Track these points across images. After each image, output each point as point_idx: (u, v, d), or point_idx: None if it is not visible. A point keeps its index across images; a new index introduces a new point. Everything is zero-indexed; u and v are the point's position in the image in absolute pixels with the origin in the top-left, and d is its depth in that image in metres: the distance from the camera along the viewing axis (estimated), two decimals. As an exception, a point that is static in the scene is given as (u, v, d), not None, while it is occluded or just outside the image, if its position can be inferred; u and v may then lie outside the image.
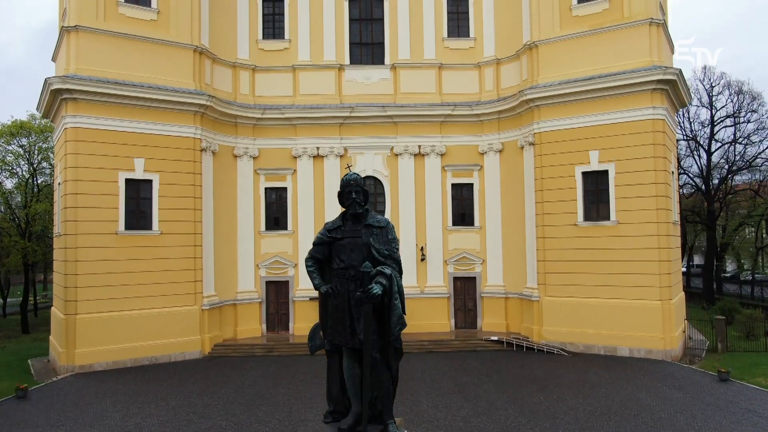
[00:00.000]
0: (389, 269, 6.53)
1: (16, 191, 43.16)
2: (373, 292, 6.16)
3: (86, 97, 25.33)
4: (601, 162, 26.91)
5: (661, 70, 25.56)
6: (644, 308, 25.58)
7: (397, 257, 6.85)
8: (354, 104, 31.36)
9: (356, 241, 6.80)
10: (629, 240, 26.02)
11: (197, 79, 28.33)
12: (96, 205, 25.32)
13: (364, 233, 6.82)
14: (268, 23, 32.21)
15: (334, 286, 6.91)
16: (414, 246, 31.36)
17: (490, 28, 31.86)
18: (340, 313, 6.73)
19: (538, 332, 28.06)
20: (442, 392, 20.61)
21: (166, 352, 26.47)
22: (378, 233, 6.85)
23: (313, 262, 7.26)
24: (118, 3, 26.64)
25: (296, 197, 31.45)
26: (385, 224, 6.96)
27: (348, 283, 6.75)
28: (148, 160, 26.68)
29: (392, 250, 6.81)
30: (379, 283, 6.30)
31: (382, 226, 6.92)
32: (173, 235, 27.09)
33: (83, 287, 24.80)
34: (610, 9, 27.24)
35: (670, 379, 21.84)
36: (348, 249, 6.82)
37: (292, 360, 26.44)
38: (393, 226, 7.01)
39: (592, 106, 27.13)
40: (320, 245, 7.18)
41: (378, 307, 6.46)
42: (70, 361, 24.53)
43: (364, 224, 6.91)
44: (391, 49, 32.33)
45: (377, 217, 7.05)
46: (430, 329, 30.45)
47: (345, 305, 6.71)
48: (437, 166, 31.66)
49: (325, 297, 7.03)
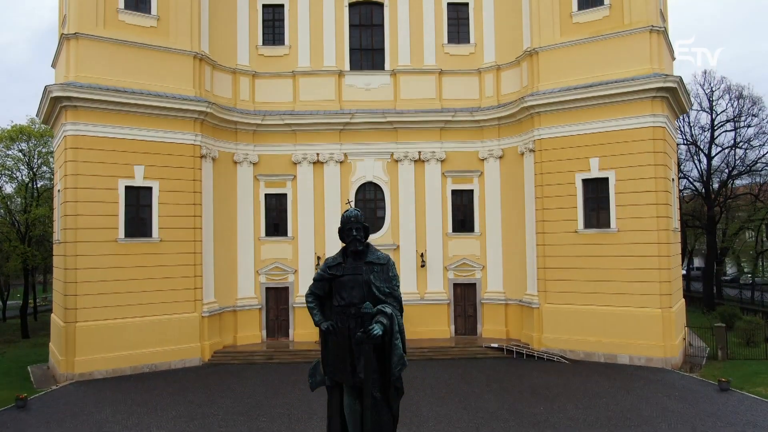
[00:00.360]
0: (390, 308, 6.49)
1: (16, 195, 43.17)
2: (374, 332, 6.13)
3: (86, 104, 25.30)
4: (602, 169, 26.88)
5: (662, 78, 25.53)
6: (644, 316, 25.55)
7: (397, 295, 6.82)
8: (354, 110, 31.34)
9: (357, 279, 6.77)
10: (629, 247, 25.99)
11: (197, 85, 28.30)
12: (96, 213, 25.28)
13: (365, 270, 6.79)
14: (268, 29, 32.19)
15: (335, 324, 6.87)
16: (414, 252, 31.35)
17: (490, 34, 31.82)
18: (340, 350, 6.70)
19: (538, 339, 28.04)
20: (442, 402, 20.57)
21: (166, 359, 26.43)
22: (379, 270, 6.82)
23: (314, 298, 7.21)
24: (117, 10, 26.60)
25: (296, 203, 31.44)
26: (385, 261, 6.92)
27: (348, 320, 6.72)
28: (148, 167, 26.64)
29: (393, 287, 6.77)
30: (380, 322, 6.27)
31: (382, 263, 6.88)
32: (173, 242, 27.06)
33: (83, 295, 24.76)
34: (610, 16, 27.22)
35: (670, 389, 21.81)
36: (348, 286, 6.79)
37: (291, 368, 26.39)
38: (394, 262, 6.99)
39: (593, 114, 27.10)
40: (320, 281, 7.13)
41: (379, 346, 6.42)
42: (70, 369, 24.49)
43: (365, 261, 6.87)
44: (391, 55, 32.31)
45: (378, 254, 7.01)
46: (430, 336, 30.46)
47: (345, 343, 6.69)
48: (437, 172, 31.64)
49: (326, 334, 6.98)
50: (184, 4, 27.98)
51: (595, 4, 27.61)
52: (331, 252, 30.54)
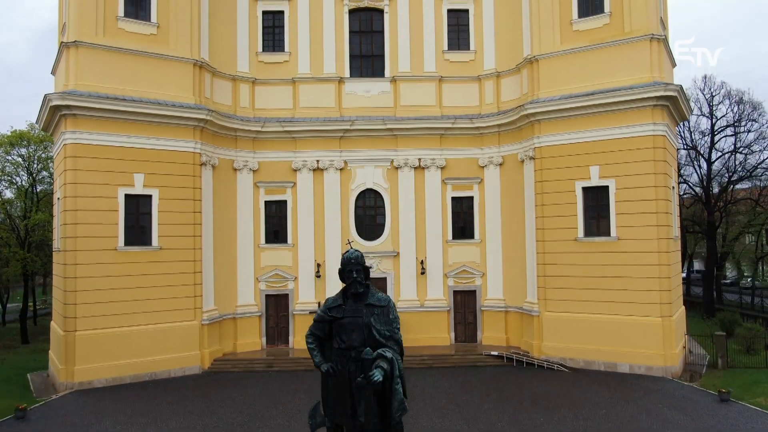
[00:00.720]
0: (390, 352, 6.47)
1: (15, 200, 43.14)
2: (375, 379, 6.10)
3: (86, 113, 25.28)
4: (602, 178, 26.86)
5: (662, 87, 25.51)
6: (645, 325, 25.54)
7: (398, 338, 6.79)
8: (354, 117, 31.32)
9: (357, 321, 6.74)
10: (630, 256, 25.96)
11: (197, 93, 28.27)
12: (95, 221, 25.26)
13: (365, 313, 6.76)
14: (268, 36, 32.16)
15: (335, 366, 6.84)
16: (414, 259, 31.34)
17: (490, 41, 31.80)
18: (340, 393, 6.68)
19: (538, 347, 28.01)
20: (441, 412, 20.55)
21: (166, 367, 26.41)
22: (379, 313, 6.79)
23: (314, 339, 7.18)
24: (117, 17, 26.57)
25: (296, 210, 31.42)
26: (386, 303, 6.89)
27: (349, 363, 6.69)
28: (148, 175, 26.62)
29: (393, 330, 6.75)
30: (380, 367, 6.24)
31: (383, 305, 6.86)
32: (173, 250, 27.03)
33: (82, 304, 24.73)
34: (610, 24, 27.19)
35: (670, 399, 21.78)
36: (349, 329, 6.76)
37: (291, 376, 26.41)
38: (394, 304, 6.96)
39: (593, 122, 27.08)
40: (321, 322, 7.11)
41: (379, 391, 6.39)
42: (69, 378, 24.47)
43: (365, 303, 6.84)
44: (391, 61, 32.28)
45: (378, 295, 6.98)
46: (429, 343, 30.47)
47: (346, 385, 6.66)
48: (437, 179, 31.62)
49: (326, 375, 6.95)
50: (184, 11, 27.97)
51: (596, 12, 27.59)
52: (331, 259, 30.75)
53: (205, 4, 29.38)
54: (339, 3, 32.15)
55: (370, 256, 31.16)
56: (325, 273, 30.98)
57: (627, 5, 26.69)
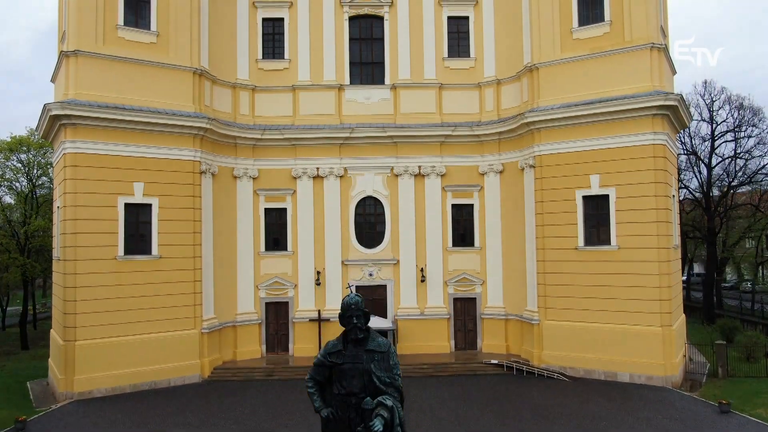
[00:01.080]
0: (390, 400, 6.44)
1: (15, 205, 43.12)
2: (375, 429, 6.07)
3: (85, 122, 25.25)
4: (602, 186, 26.84)
5: (663, 96, 25.48)
6: (645, 334, 25.51)
7: (398, 385, 6.76)
8: (354, 124, 31.29)
9: (357, 367, 6.72)
10: (630, 265, 25.93)
11: (197, 101, 28.24)
12: (95, 231, 25.24)
13: (365, 359, 6.74)
14: (267, 43, 32.12)
15: (335, 412, 6.81)
16: (414, 267, 31.32)
17: (490, 49, 31.77)
18: (341, 439, 6.65)
19: (538, 356, 27.98)
20: (441, 425, 20.54)
21: (166, 376, 26.38)
22: (379, 359, 6.77)
23: (314, 383, 7.16)
24: (117, 26, 26.54)
25: (296, 218, 31.39)
26: (386, 349, 6.87)
27: (349, 410, 6.66)
28: (148, 184, 26.60)
29: (393, 377, 6.72)
30: (381, 416, 6.21)
31: (383, 351, 6.83)
32: (173, 258, 27.02)
33: (82, 313, 24.72)
34: (611, 33, 27.15)
35: (671, 410, 21.75)
36: (349, 375, 6.74)
37: (291, 385, 26.29)
38: (395, 349, 6.93)
39: (593, 130, 27.04)
40: (321, 367, 7.08)
41: None
42: (69, 387, 24.44)
43: (366, 349, 6.81)
44: (391, 68, 32.25)
45: (378, 341, 6.95)
46: (429, 350, 30.45)
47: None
48: (437, 186, 31.60)
49: (326, 421, 6.92)
50: (184, 19, 27.95)
51: (596, 20, 27.55)
52: (331, 266, 30.80)
53: (204, 11, 29.35)
54: (339, 10, 32.12)
55: (369, 264, 31.26)
56: (325, 280, 30.97)
57: (627, 14, 26.65)
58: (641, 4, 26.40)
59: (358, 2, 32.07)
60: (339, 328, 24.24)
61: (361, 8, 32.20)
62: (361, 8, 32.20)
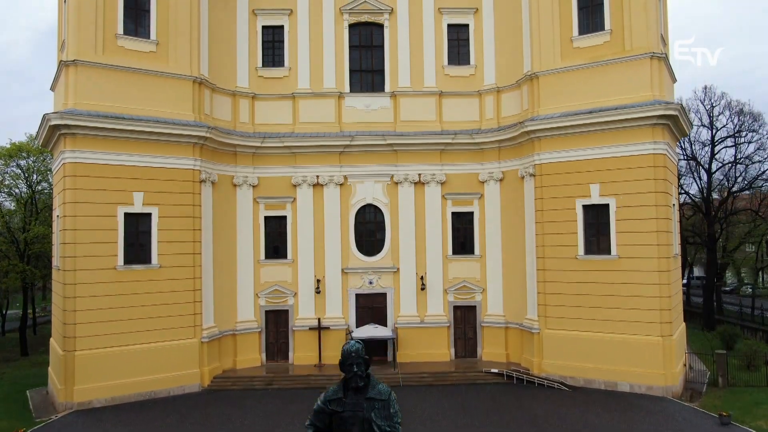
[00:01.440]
0: None
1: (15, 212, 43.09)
2: None
3: (85, 132, 25.23)
4: (602, 195, 26.81)
5: (663, 106, 25.45)
6: (645, 344, 25.47)
7: None
8: (354, 132, 31.27)
9: (357, 416, 6.69)
10: (630, 275, 25.91)
11: (197, 110, 28.22)
12: (95, 241, 25.21)
13: (366, 407, 6.71)
14: (267, 51, 32.11)
15: None
16: (414, 275, 31.29)
17: (490, 56, 31.74)
18: (340, 488, 6.62)
19: (538, 365, 27.95)
20: (442, 437, 20.51)
21: (166, 386, 26.35)
22: (380, 407, 6.74)
23: (313, 430, 7.11)
24: (116, 35, 26.51)
25: (296, 226, 31.37)
26: (386, 396, 6.83)
27: None
28: (147, 193, 26.58)
29: (394, 425, 6.70)
30: None
31: (384, 399, 6.80)
32: (173, 268, 26.99)
33: (82, 323, 24.68)
34: (611, 42, 27.13)
35: (671, 422, 21.72)
36: (349, 423, 6.70)
37: (291, 394, 26.35)
38: (395, 397, 6.90)
39: (593, 139, 27.02)
40: (320, 414, 7.04)
41: None
42: (69, 398, 24.40)
43: (366, 397, 6.78)
44: (391, 76, 32.22)
45: (379, 388, 6.92)
46: (429, 359, 30.44)
47: None
48: (437, 194, 31.57)
49: None
50: (184, 27, 27.94)
51: (596, 29, 27.52)
52: (331, 274, 30.81)
53: (204, 20, 29.33)
54: (339, 18, 32.10)
55: (369, 272, 31.23)
56: (325, 288, 30.95)
57: (627, 23, 26.63)
58: (641, 14, 26.37)
59: (358, 10, 32.05)
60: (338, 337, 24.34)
61: (361, 16, 32.19)
62: (361, 16, 32.19)
